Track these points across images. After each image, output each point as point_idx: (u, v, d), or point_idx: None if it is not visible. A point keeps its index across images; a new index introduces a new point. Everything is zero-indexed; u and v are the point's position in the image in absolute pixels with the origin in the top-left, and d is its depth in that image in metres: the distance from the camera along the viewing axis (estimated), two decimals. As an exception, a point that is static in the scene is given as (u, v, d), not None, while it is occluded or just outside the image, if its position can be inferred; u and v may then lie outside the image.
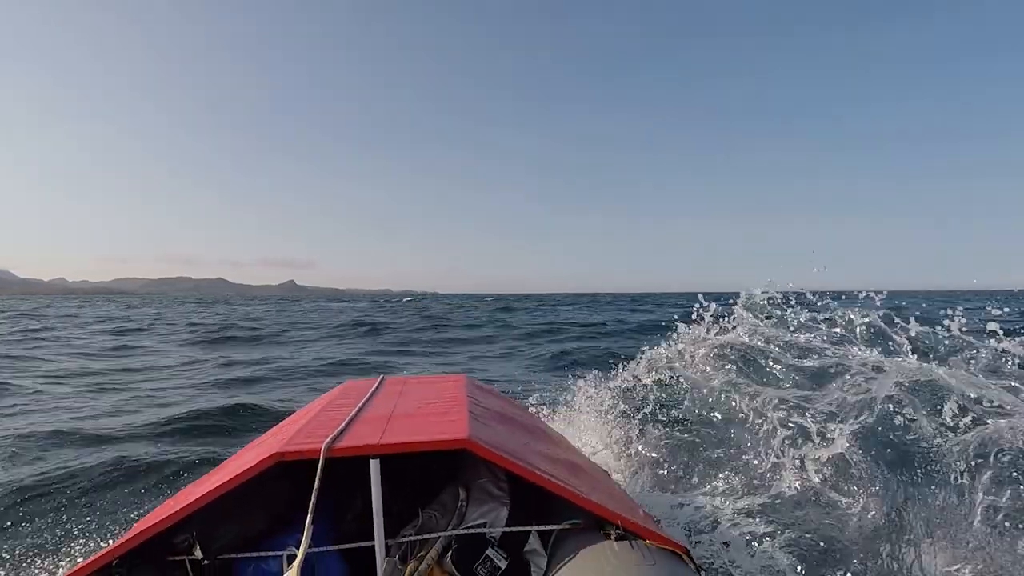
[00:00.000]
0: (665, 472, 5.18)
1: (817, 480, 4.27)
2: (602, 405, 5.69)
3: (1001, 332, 4.51)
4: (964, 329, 4.67)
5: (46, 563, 3.63)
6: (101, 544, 3.76)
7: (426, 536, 2.12)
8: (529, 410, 4.48)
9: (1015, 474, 4.37)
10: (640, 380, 5.82)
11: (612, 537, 1.95)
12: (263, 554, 2.11)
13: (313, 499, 1.94)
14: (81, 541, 3.87)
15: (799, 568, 3.44)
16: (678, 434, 6.69)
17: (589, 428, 5.46)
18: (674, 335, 6.00)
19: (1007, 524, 3.69)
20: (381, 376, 3.09)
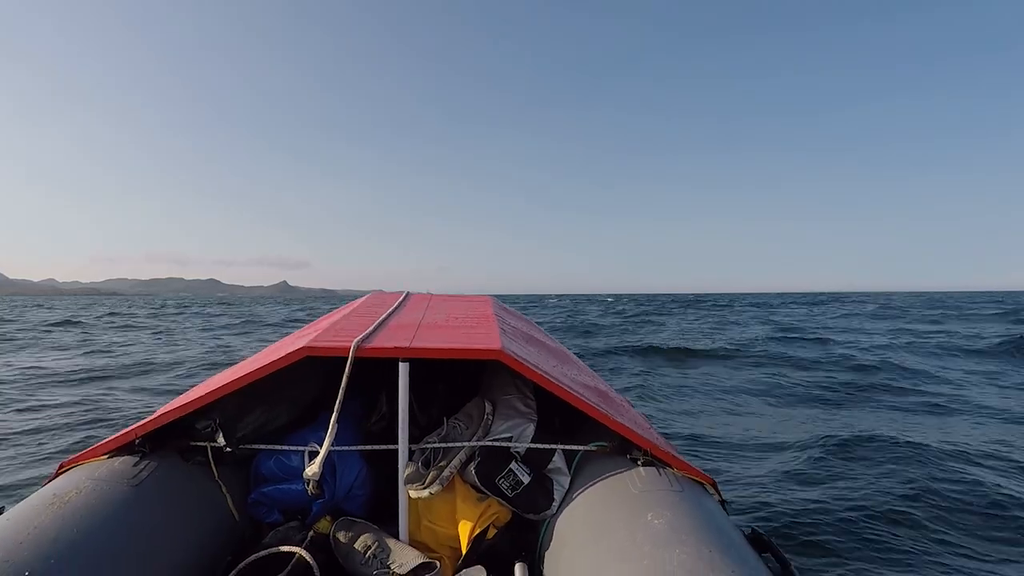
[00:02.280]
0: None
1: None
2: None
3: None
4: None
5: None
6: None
7: (450, 445, 2.09)
8: None
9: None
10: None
11: (639, 462, 1.91)
12: (285, 448, 2.08)
13: (340, 397, 1.92)
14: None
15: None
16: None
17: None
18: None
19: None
20: (406, 291, 3.08)
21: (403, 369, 1.95)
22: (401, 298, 2.87)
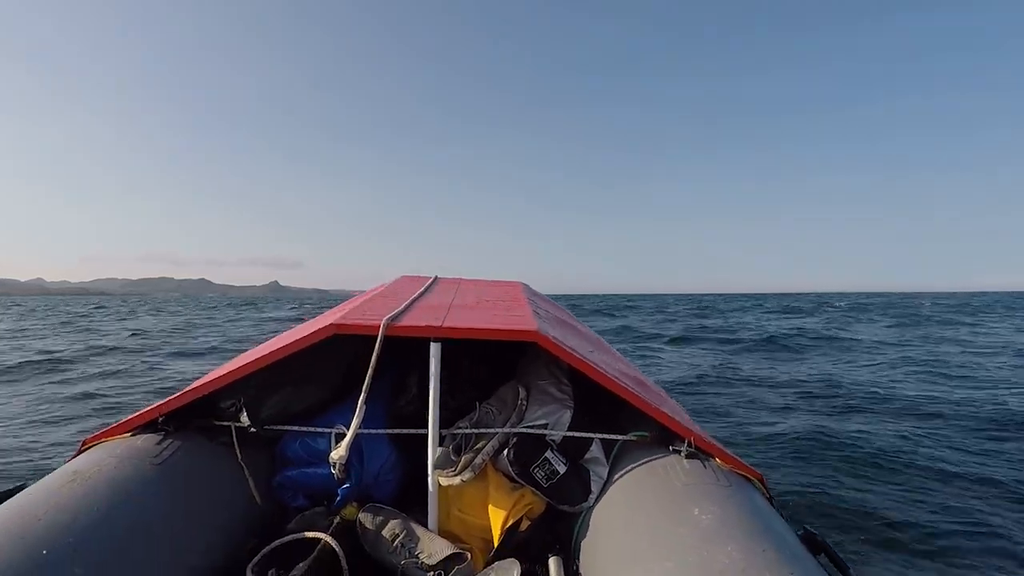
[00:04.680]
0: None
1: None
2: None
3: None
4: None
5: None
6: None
7: (483, 430, 2.00)
8: None
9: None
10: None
11: (683, 454, 1.79)
12: (311, 429, 2.00)
13: (368, 376, 1.83)
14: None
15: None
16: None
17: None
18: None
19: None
20: (435, 276, 3.00)
21: (435, 349, 1.86)
22: (430, 281, 2.79)
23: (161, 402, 1.89)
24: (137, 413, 1.88)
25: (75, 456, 1.78)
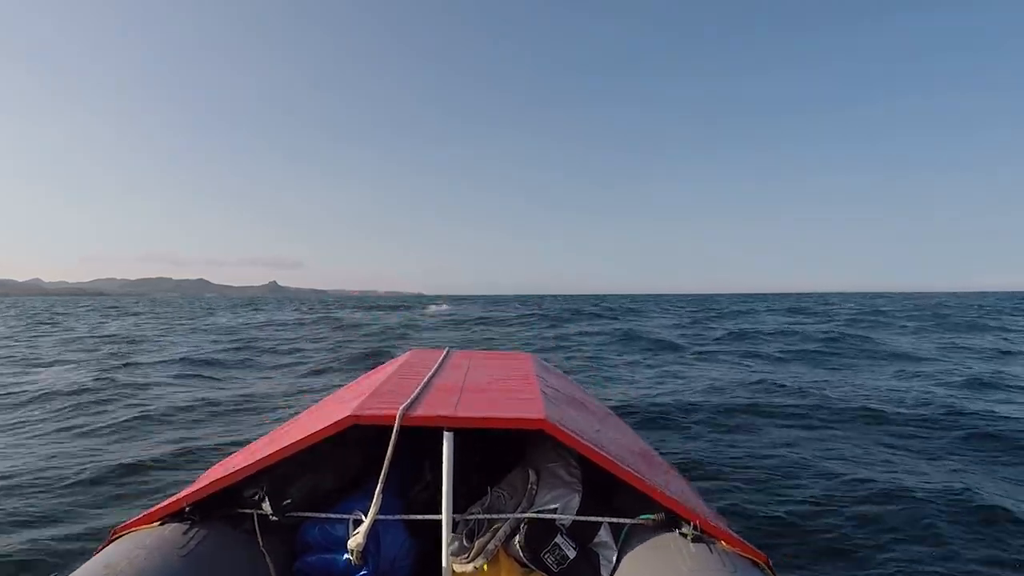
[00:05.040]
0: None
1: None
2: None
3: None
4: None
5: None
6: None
7: (495, 516, 2.07)
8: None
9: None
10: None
11: (688, 537, 1.86)
12: (330, 516, 2.06)
13: (385, 467, 1.90)
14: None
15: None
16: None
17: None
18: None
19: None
20: (447, 348, 3.06)
21: (447, 439, 1.93)
22: (442, 356, 2.86)
23: (186, 491, 1.96)
24: (164, 503, 1.95)
25: (104, 546, 1.82)
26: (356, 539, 1.92)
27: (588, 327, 25.67)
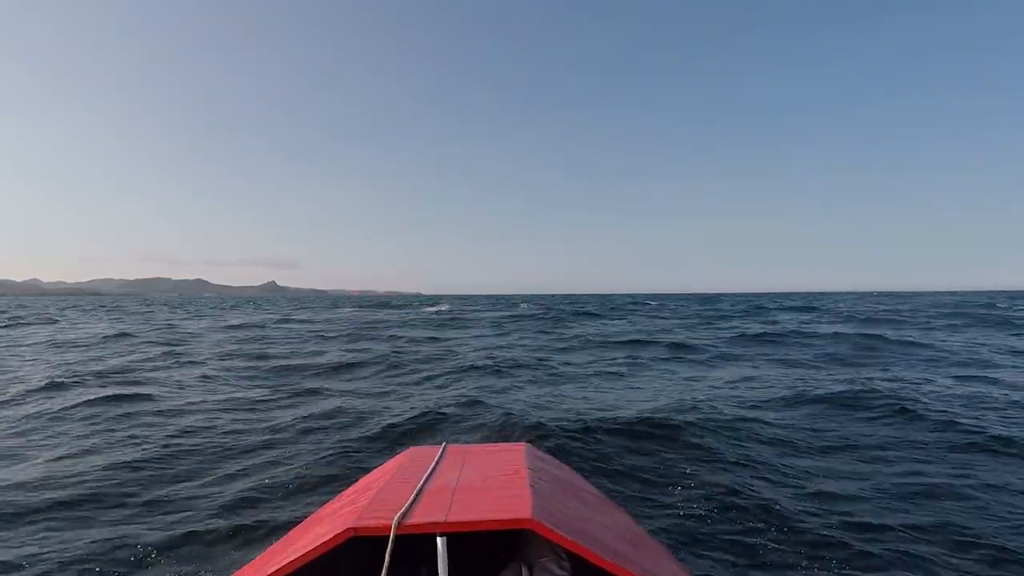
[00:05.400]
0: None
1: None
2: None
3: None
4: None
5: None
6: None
7: None
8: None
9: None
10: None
11: None
12: None
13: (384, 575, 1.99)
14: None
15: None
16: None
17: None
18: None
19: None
20: (444, 444, 3.15)
21: (441, 544, 2.02)
22: (439, 453, 2.94)
23: None
24: None
25: None
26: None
27: (598, 327, 25.25)
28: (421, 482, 2.45)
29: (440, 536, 2.02)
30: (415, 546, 2.36)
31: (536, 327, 27.13)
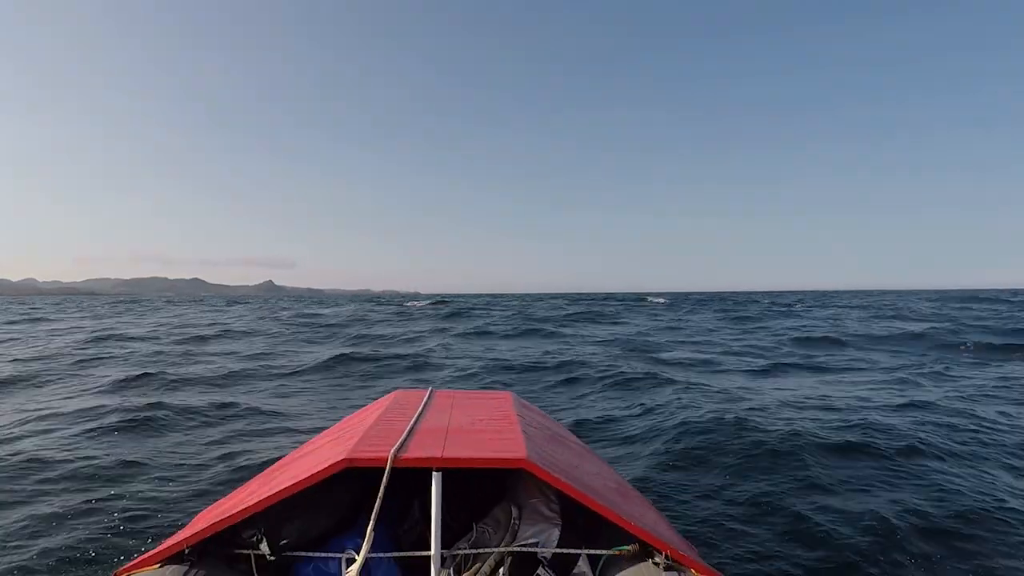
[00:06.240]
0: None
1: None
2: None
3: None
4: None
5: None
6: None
7: (480, 551, 2.20)
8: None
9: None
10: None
11: (660, 567, 2.01)
12: (324, 555, 2.18)
13: (376, 505, 2.03)
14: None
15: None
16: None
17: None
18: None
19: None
20: (430, 388, 3.20)
21: (436, 479, 2.07)
22: (426, 396, 2.98)
23: (185, 534, 2.07)
24: (164, 546, 2.06)
25: None
26: (350, 576, 2.05)
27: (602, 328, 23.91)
28: (413, 420, 2.50)
29: (436, 471, 2.07)
30: (406, 481, 2.40)
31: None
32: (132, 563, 2.03)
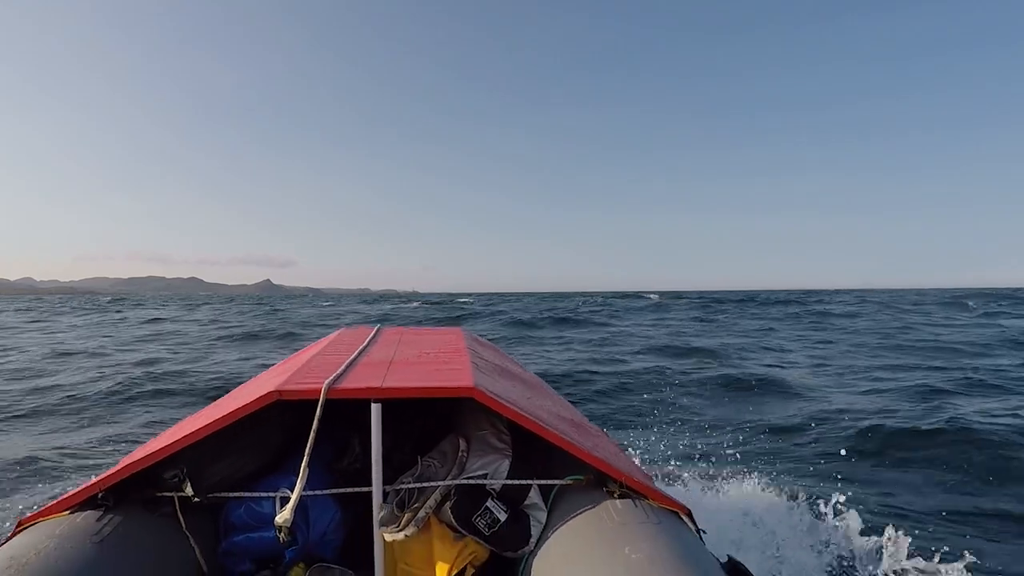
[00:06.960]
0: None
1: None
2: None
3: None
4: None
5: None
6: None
7: (425, 484, 2.06)
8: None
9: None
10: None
11: (615, 495, 1.90)
12: (255, 495, 2.04)
13: (310, 440, 1.87)
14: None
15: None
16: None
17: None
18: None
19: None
20: (378, 326, 3.04)
21: (375, 410, 1.92)
22: (372, 333, 2.83)
23: (100, 476, 1.90)
24: (75, 490, 1.88)
25: (9, 539, 1.75)
26: (283, 515, 1.90)
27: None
28: (355, 354, 2.35)
29: (375, 402, 1.92)
30: (349, 417, 2.25)
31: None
32: (39, 511, 1.86)
